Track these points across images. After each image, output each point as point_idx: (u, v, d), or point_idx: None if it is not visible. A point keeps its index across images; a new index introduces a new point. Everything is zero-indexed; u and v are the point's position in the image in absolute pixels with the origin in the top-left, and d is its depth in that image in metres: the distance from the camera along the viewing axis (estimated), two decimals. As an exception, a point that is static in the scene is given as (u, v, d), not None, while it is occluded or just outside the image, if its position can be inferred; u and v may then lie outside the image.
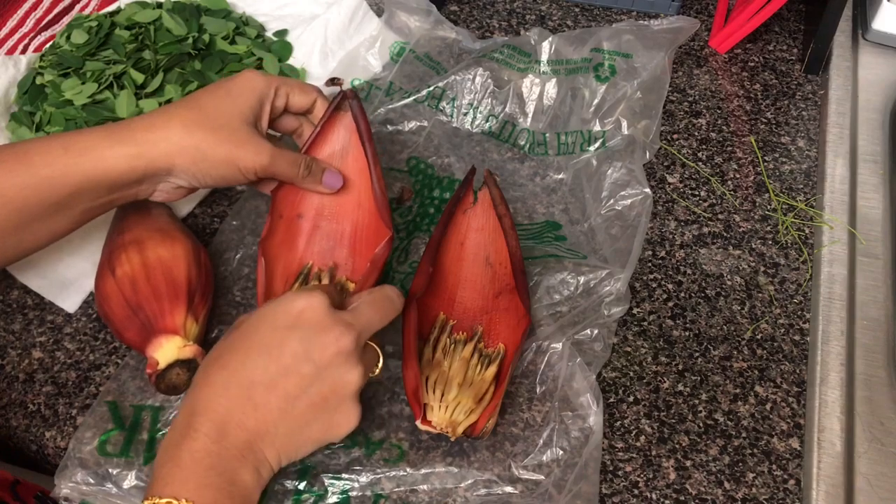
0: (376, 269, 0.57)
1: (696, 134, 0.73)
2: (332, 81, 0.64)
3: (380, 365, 0.51)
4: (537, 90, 0.72)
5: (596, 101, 0.71)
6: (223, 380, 0.46)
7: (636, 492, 0.53)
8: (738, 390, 0.57)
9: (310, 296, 0.47)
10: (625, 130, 0.69)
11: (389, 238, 0.58)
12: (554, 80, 0.72)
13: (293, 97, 0.59)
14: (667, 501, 0.52)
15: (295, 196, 0.61)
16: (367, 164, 0.60)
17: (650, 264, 0.64)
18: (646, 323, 0.61)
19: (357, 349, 0.47)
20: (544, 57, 0.73)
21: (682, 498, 0.52)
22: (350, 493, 0.52)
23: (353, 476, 0.52)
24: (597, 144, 0.69)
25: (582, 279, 0.61)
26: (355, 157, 0.62)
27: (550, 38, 0.73)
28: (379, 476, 0.52)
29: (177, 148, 0.53)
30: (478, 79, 0.73)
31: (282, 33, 0.80)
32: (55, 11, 0.84)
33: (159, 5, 0.77)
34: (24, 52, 0.80)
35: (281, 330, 0.46)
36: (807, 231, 0.66)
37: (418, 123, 0.72)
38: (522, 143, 0.71)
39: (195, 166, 0.54)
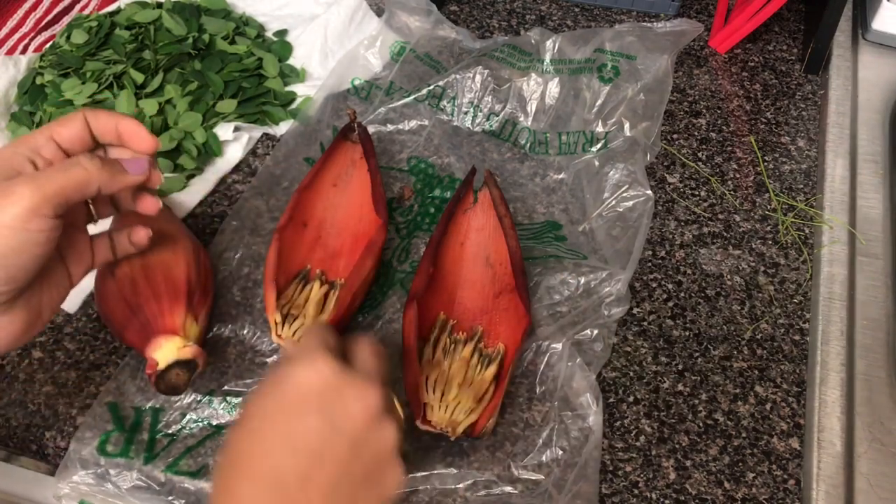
0: (371, 253, 0.59)
1: (696, 134, 0.73)
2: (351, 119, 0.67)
3: (400, 411, 0.45)
4: (539, 89, 0.72)
5: (599, 102, 0.71)
6: (249, 487, 0.39)
7: (636, 492, 0.53)
8: (737, 390, 0.57)
9: (311, 362, 0.41)
10: (627, 132, 0.69)
11: (381, 224, 0.60)
12: (557, 80, 0.72)
13: (62, 131, 0.48)
14: (667, 501, 0.52)
15: (305, 204, 0.63)
16: (370, 177, 0.63)
17: (650, 264, 0.64)
18: (646, 323, 0.61)
19: (385, 402, 0.42)
20: (548, 56, 0.73)
21: (682, 498, 0.52)
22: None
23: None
24: (599, 145, 0.69)
25: (582, 279, 0.61)
26: (359, 177, 0.65)
27: (554, 37, 0.73)
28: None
29: None
30: (478, 77, 0.73)
31: (282, 33, 0.80)
32: (55, 12, 0.84)
33: (159, 5, 0.77)
34: (24, 52, 0.80)
35: (296, 412, 0.40)
36: (807, 231, 0.66)
37: (419, 122, 0.72)
38: (523, 141, 0.71)
39: None
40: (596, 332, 0.58)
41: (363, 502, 0.41)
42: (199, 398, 0.56)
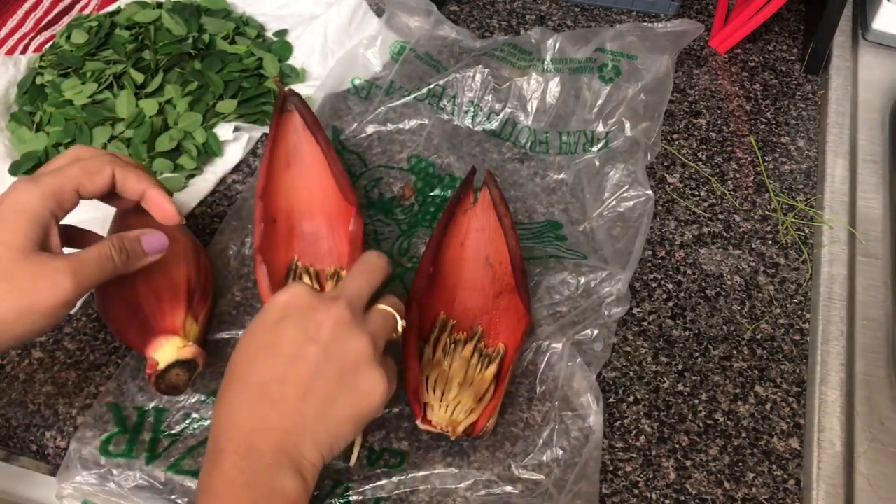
0: (356, 246, 0.59)
1: (696, 134, 0.73)
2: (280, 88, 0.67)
3: (400, 324, 0.49)
4: (540, 88, 0.72)
5: (599, 102, 0.71)
6: (236, 393, 0.45)
7: (636, 492, 0.53)
8: (737, 390, 0.57)
9: (290, 287, 0.47)
10: (627, 132, 0.69)
11: (356, 212, 0.60)
12: (557, 79, 0.72)
13: (89, 186, 0.50)
14: (667, 501, 0.52)
15: (268, 201, 0.62)
16: (322, 153, 0.64)
17: (650, 264, 0.64)
18: (646, 323, 0.61)
19: (354, 316, 0.46)
20: (548, 55, 0.73)
21: (682, 498, 0.53)
22: (350, 497, 0.52)
23: (353, 479, 0.52)
24: (599, 145, 0.69)
25: (582, 279, 0.61)
26: (310, 152, 0.65)
27: (555, 37, 0.73)
28: (380, 478, 0.52)
29: None
30: (478, 76, 0.73)
31: (282, 33, 0.80)
32: (55, 11, 0.84)
33: (159, 5, 0.77)
34: (24, 52, 0.80)
35: (273, 326, 0.46)
36: (807, 231, 0.66)
37: (419, 122, 0.72)
38: (523, 141, 0.71)
39: None
40: (596, 332, 0.58)
41: (339, 401, 0.45)
42: (202, 398, 0.56)
